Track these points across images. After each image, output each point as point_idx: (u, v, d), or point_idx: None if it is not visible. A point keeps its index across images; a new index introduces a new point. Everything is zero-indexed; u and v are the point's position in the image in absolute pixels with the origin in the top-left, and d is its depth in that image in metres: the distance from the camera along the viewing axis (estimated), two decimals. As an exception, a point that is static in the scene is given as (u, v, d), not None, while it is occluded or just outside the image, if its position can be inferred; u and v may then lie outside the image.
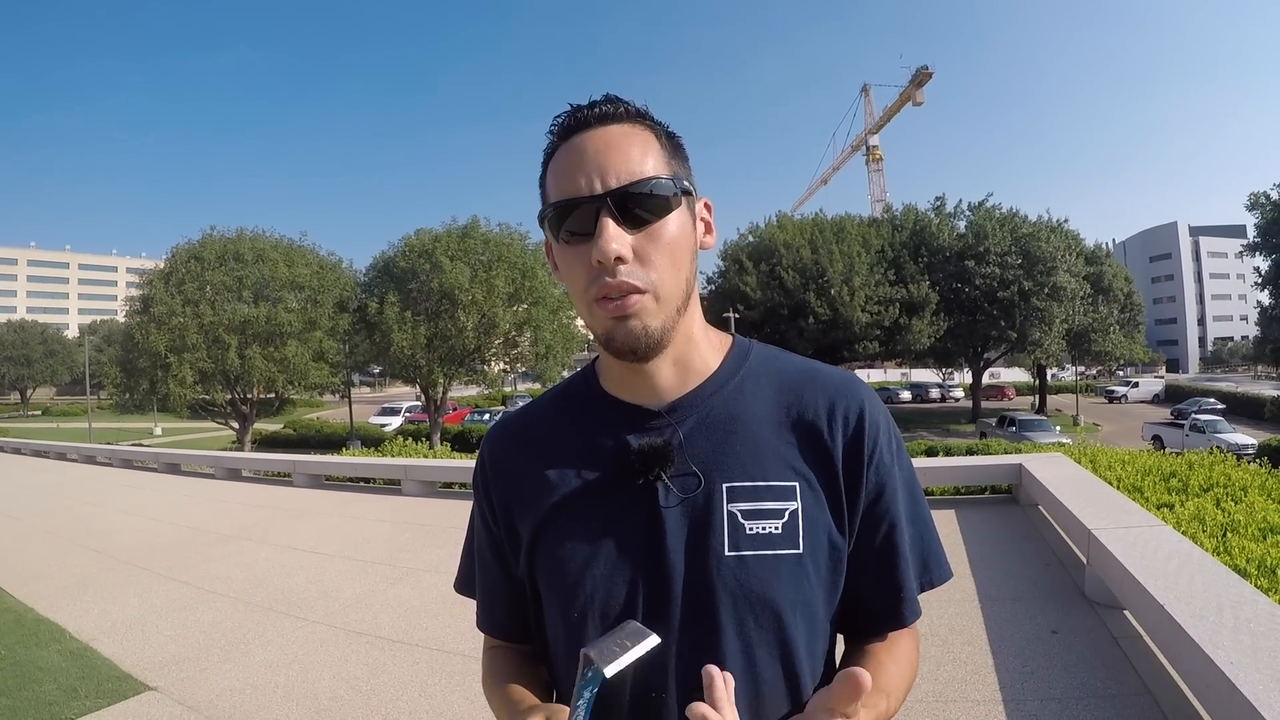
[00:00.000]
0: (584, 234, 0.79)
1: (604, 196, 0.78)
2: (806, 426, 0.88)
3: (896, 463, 0.90)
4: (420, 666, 3.95)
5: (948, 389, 55.42)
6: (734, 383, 0.91)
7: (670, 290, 0.81)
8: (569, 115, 0.84)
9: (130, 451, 16.79)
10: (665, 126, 0.87)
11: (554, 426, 0.97)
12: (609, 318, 0.80)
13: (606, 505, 0.87)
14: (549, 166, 0.85)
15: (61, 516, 9.53)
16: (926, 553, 0.93)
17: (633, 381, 0.90)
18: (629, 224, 0.79)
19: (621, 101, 0.84)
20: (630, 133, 0.82)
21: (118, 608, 5.29)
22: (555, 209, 0.81)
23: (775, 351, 0.97)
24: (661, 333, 0.82)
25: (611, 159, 0.79)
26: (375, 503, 8.93)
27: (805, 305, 34.71)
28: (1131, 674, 3.24)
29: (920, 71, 77.71)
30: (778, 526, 0.83)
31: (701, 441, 0.87)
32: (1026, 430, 27.50)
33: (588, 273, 0.80)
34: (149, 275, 31.06)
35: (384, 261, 31.94)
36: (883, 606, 0.90)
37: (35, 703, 3.75)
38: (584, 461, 0.90)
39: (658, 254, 0.80)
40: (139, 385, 29.58)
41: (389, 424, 38.57)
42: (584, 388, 0.97)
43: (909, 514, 0.91)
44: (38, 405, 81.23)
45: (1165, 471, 6.78)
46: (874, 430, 0.88)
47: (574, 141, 0.82)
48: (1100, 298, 40.48)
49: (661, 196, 0.80)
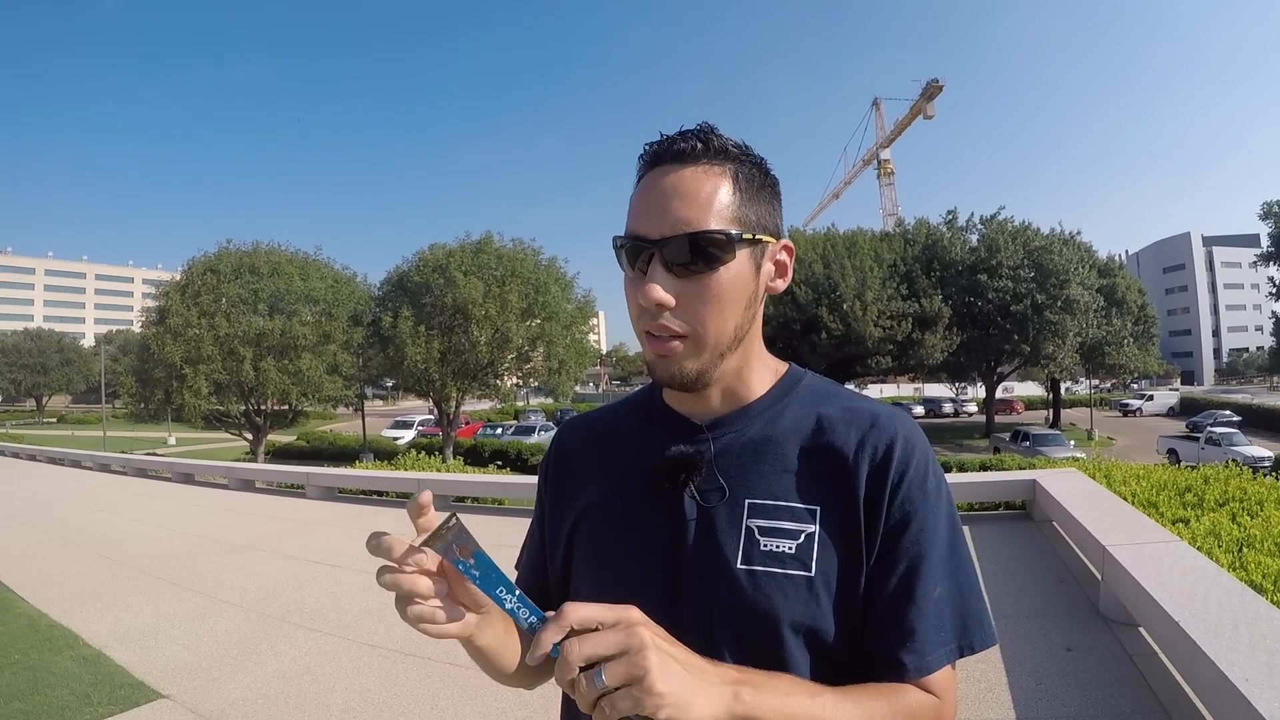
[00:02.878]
0: (641, 270, 0.83)
1: (657, 243, 0.81)
2: (835, 455, 0.88)
3: (929, 504, 0.86)
4: (433, 680, 3.96)
5: (961, 404, 55.14)
6: (776, 408, 0.93)
7: (713, 337, 0.84)
8: (652, 146, 0.86)
9: (144, 460, 16.87)
10: (750, 165, 0.87)
11: (614, 427, 1.04)
12: (652, 352, 0.85)
13: (639, 506, 0.92)
14: (634, 191, 0.87)
15: (75, 524, 9.59)
16: (967, 614, 0.86)
17: (685, 398, 0.94)
18: (678, 271, 0.81)
19: (711, 136, 0.85)
20: (702, 177, 0.82)
21: (131, 615, 5.32)
22: (620, 242, 0.85)
23: (827, 384, 0.98)
24: (699, 374, 0.85)
25: (672, 206, 0.81)
26: (388, 516, 8.95)
27: (818, 320, 34.58)
28: (1146, 692, 3.22)
29: (931, 84, 77.80)
30: (791, 547, 0.84)
31: (732, 458, 0.90)
32: (1040, 445, 27.28)
33: (639, 306, 0.83)
34: (165, 287, 31.26)
35: (398, 276, 32.08)
36: (884, 649, 0.83)
37: (48, 708, 3.78)
38: (630, 463, 0.95)
39: (702, 304, 0.82)
40: (154, 395, 29.75)
41: (402, 437, 38.57)
42: (648, 397, 1.03)
43: (944, 565, 0.86)
44: (53, 413, 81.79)
45: (1180, 486, 6.73)
46: (903, 465, 0.86)
47: (651, 176, 0.84)
48: (1114, 310, 40.21)
49: (713, 250, 0.81)
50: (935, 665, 0.83)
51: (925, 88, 78.15)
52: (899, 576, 0.84)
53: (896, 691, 0.81)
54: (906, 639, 0.82)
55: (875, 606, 0.85)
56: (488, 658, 0.83)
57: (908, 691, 0.82)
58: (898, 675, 0.82)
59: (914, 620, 0.83)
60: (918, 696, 0.82)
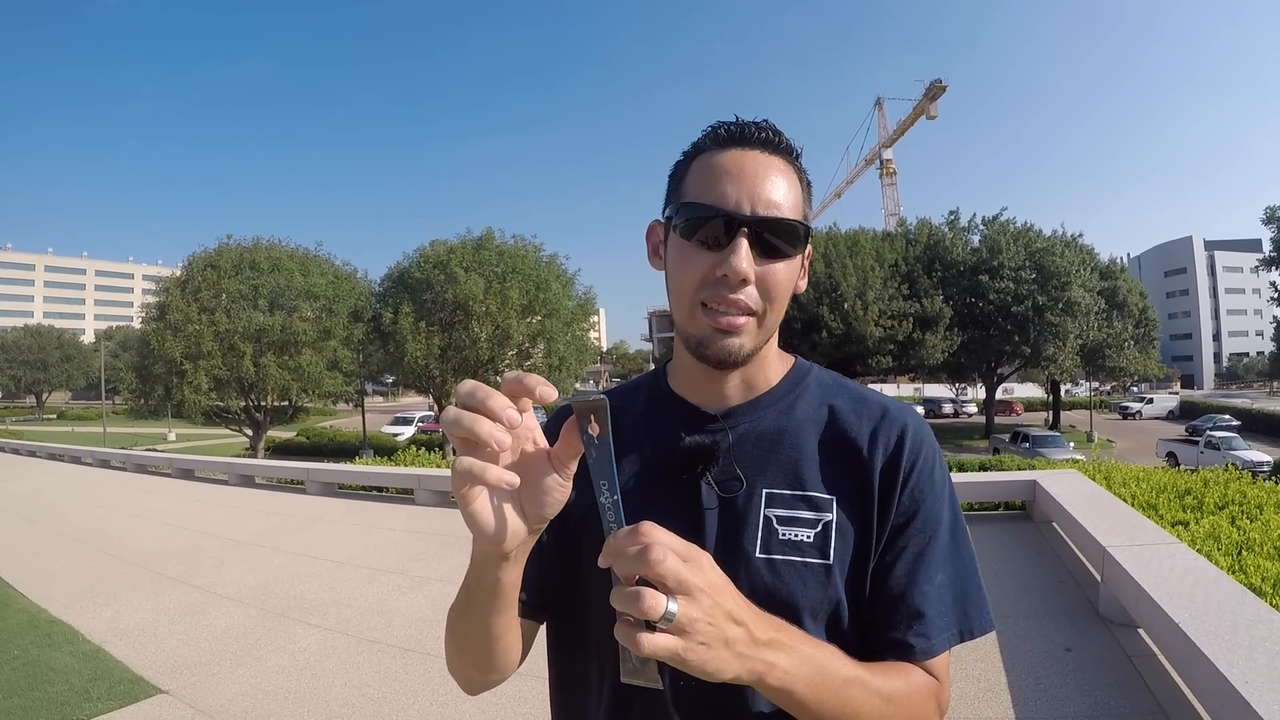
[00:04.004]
0: (712, 244, 0.83)
1: (750, 219, 0.82)
2: (849, 445, 0.90)
3: (935, 494, 0.90)
4: (432, 675, 3.96)
5: (960, 404, 55.15)
6: (789, 399, 0.95)
7: (772, 321, 0.88)
8: (735, 126, 0.88)
9: (144, 456, 16.89)
10: (805, 171, 0.91)
11: (621, 415, 0.99)
12: (711, 326, 0.84)
13: (653, 496, 0.90)
14: (696, 163, 0.88)
15: (75, 520, 9.60)
16: (967, 600, 0.89)
17: (700, 385, 0.95)
18: (759, 251, 0.83)
19: (783, 135, 0.88)
20: (785, 169, 0.87)
21: (130, 611, 5.33)
22: (695, 210, 0.84)
23: (834, 376, 1.01)
24: (750, 354, 0.88)
25: (766, 188, 0.84)
26: (388, 512, 8.97)
27: (819, 319, 34.60)
28: (1146, 693, 3.22)
29: (934, 85, 77.61)
30: (809, 535, 0.86)
31: (748, 448, 0.91)
32: (1040, 446, 27.30)
33: (704, 277, 0.84)
34: (165, 283, 31.30)
35: (399, 272, 32.16)
36: (892, 632, 0.85)
37: (48, 703, 3.78)
38: (640, 452, 0.95)
39: (774, 286, 0.85)
40: (154, 391, 29.79)
41: (401, 433, 38.64)
42: (653, 384, 1.03)
43: (947, 551, 0.89)
44: (53, 409, 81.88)
45: (1180, 489, 6.74)
46: (913, 455, 0.90)
47: (734, 153, 0.86)
48: (1115, 313, 40.19)
49: (793, 237, 0.85)
50: (940, 649, 0.86)
51: (928, 88, 77.94)
52: (907, 563, 0.87)
53: (906, 671, 0.84)
54: (914, 622, 0.85)
55: (883, 591, 0.87)
56: (486, 610, 0.80)
57: (914, 672, 0.84)
58: (904, 657, 0.85)
59: (920, 605, 0.86)
60: (922, 677, 0.85)
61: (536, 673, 1.00)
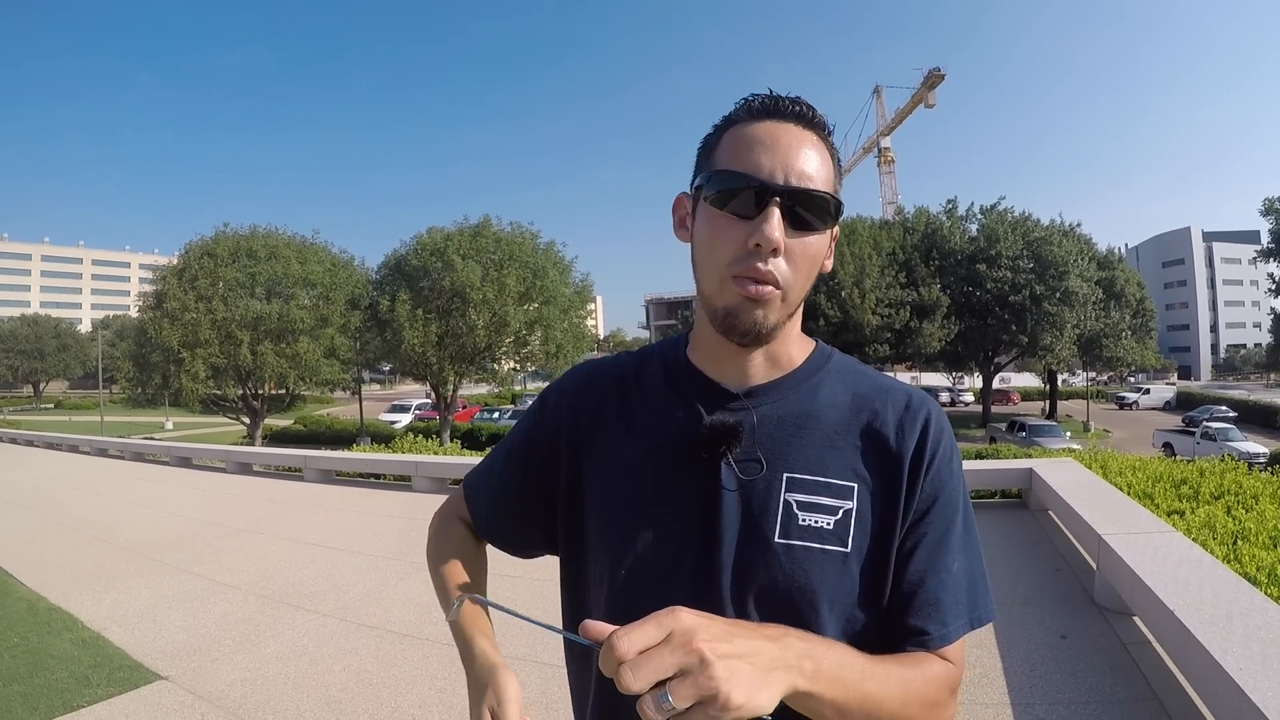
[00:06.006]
0: (745, 214, 0.82)
1: (784, 189, 0.81)
2: (873, 433, 0.90)
3: (954, 482, 0.90)
4: (431, 661, 3.97)
5: (957, 393, 55.22)
6: (811, 381, 0.94)
7: (797, 295, 0.86)
8: (769, 99, 0.87)
9: (142, 445, 16.87)
10: (837, 150, 0.91)
11: (638, 383, 1.00)
12: (741, 296, 0.83)
13: (671, 474, 0.90)
14: (728, 134, 0.87)
15: (73, 508, 9.60)
16: (974, 589, 0.90)
17: (723, 361, 0.93)
18: (790, 223, 0.82)
19: (816, 111, 0.88)
20: (819, 144, 0.86)
21: (129, 598, 5.33)
22: (729, 180, 0.84)
23: (854, 362, 0.99)
24: (774, 328, 0.86)
25: (801, 160, 0.83)
26: (386, 499, 8.98)
27: (815, 307, 34.57)
28: (1140, 680, 3.24)
29: (932, 73, 77.35)
30: (830, 523, 0.85)
31: (771, 430, 0.89)
32: (1037, 435, 27.37)
33: (738, 248, 0.82)
34: (163, 271, 31.24)
35: (396, 259, 32.03)
36: (911, 620, 0.85)
37: (47, 690, 3.78)
38: (657, 426, 0.93)
39: (803, 260, 0.85)
40: (151, 380, 29.81)
41: (399, 421, 38.59)
42: (672, 354, 1.00)
43: (961, 540, 0.89)
44: (50, 399, 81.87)
45: (1176, 478, 6.75)
46: (935, 444, 0.89)
47: (768, 125, 0.85)
48: (1112, 303, 40.22)
49: (824, 211, 0.84)
50: (955, 635, 0.86)
51: (927, 76, 77.69)
52: (926, 550, 0.87)
53: (922, 661, 0.84)
54: (932, 610, 0.85)
55: (902, 579, 0.87)
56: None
57: (931, 660, 0.84)
58: (922, 645, 0.85)
59: (938, 592, 0.86)
60: (939, 665, 0.85)
61: (530, 657, 1.01)
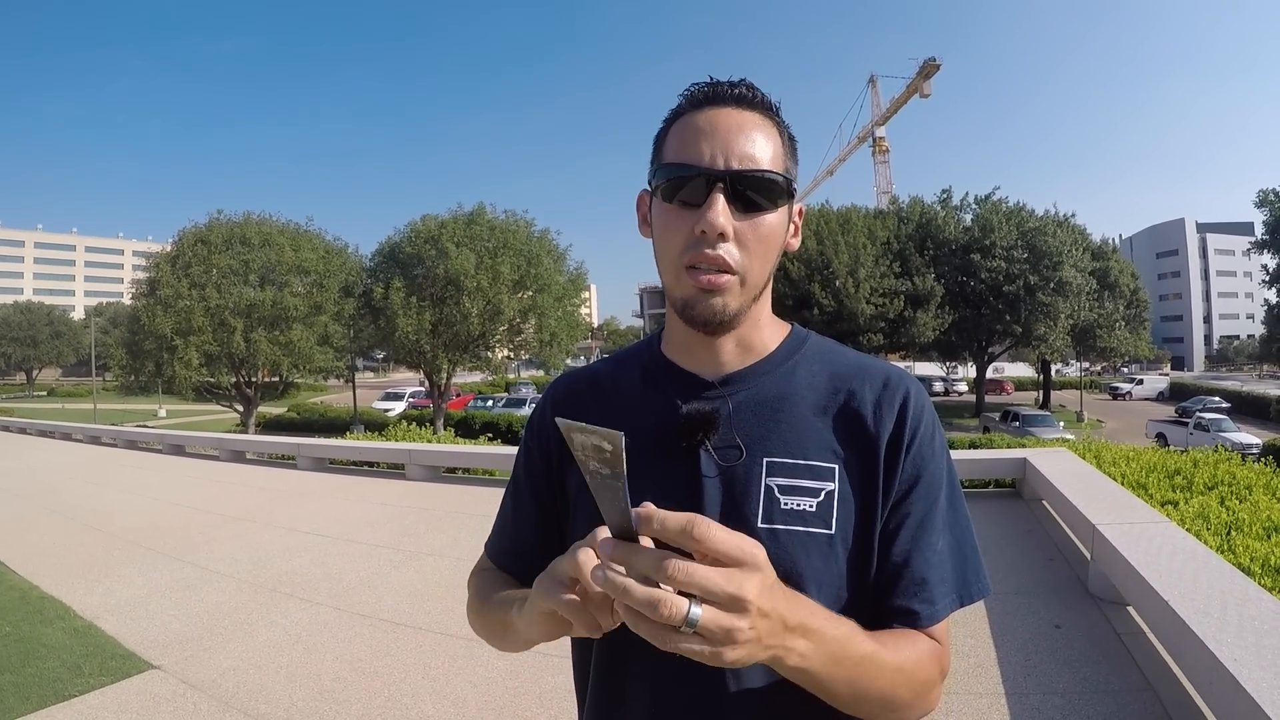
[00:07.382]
0: (692, 203, 0.83)
1: (724, 174, 0.81)
2: (851, 413, 0.89)
3: (936, 460, 0.90)
4: (424, 649, 3.97)
5: (951, 383, 55.30)
6: (787, 365, 0.93)
7: (756, 278, 0.86)
8: (708, 86, 0.87)
9: (135, 433, 16.83)
10: (788, 126, 0.90)
11: (614, 383, 1.01)
12: (695, 287, 0.83)
13: (651, 465, 0.88)
14: (674, 126, 0.87)
15: (66, 496, 9.57)
16: (965, 564, 0.90)
17: (695, 351, 0.93)
18: (738, 207, 0.82)
19: (758, 90, 0.88)
20: (761, 123, 0.86)
21: (122, 587, 5.32)
22: (673, 171, 0.84)
23: (831, 343, 0.99)
24: (737, 314, 0.86)
25: (740, 142, 0.83)
26: (379, 486, 8.96)
27: (810, 296, 34.58)
28: (1134, 669, 3.25)
29: (928, 63, 77.15)
30: (812, 505, 0.85)
31: (748, 415, 0.89)
32: (1030, 425, 27.47)
33: (686, 239, 0.83)
34: (156, 258, 31.05)
35: (390, 247, 31.94)
36: (897, 599, 0.86)
37: (39, 679, 3.77)
38: (635, 420, 0.92)
39: (756, 242, 0.84)
40: (144, 367, 29.70)
41: (392, 409, 38.55)
42: (647, 352, 1.01)
43: (947, 517, 0.89)
44: (43, 386, 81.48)
45: (1170, 469, 6.77)
46: (915, 422, 0.89)
47: (707, 113, 0.85)
48: (1106, 293, 40.32)
49: (773, 190, 0.84)
50: (942, 614, 0.86)
51: (922, 66, 77.48)
52: (910, 530, 0.87)
53: (912, 638, 0.84)
54: (918, 589, 0.86)
55: (887, 558, 0.87)
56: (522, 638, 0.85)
57: (919, 639, 0.84)
58: (909, 623, 0.85)
59: (924, 571, 0.86)
60: (927, 643, 0.85)
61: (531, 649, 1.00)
